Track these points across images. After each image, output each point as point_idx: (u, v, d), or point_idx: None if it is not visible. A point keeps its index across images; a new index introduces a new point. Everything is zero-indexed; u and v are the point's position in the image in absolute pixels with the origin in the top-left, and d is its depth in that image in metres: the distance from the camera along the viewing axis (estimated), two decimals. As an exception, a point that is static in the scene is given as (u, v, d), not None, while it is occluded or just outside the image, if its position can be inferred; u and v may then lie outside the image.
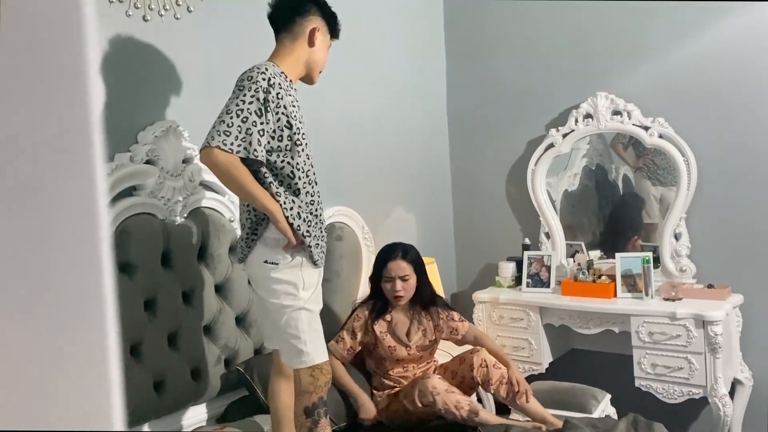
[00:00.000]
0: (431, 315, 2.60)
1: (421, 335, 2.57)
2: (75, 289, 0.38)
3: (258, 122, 1.89)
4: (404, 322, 2.58)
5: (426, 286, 2.61)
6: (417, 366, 2.60)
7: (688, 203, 3.04)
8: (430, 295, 2.62)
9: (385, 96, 3.34)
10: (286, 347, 2.02)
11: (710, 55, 2.99)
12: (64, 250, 0.38)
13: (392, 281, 2.53)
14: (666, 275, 3.06)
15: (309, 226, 1.99)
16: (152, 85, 2.32)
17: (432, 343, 2.61)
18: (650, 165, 3.20)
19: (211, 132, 1.87)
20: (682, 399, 2.78)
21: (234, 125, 1.86)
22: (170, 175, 2.29)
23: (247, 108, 1.88)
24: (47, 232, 0.39)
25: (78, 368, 0.38)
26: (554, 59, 3.39)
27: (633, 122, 3.12)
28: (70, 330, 0.37)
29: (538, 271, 3.26)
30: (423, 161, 3.60)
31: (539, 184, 3.36)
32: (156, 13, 2.31)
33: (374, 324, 2.55)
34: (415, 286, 2.57)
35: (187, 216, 2.35)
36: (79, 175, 0.39)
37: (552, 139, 3.32)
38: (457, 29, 3.71)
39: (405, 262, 2.54)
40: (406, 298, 2.55)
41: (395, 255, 2.56)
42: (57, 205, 0.37)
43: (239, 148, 1.86)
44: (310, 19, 2.05)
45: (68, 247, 0.38)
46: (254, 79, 1.91)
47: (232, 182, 1.91)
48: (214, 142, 1.84)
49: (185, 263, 2.31)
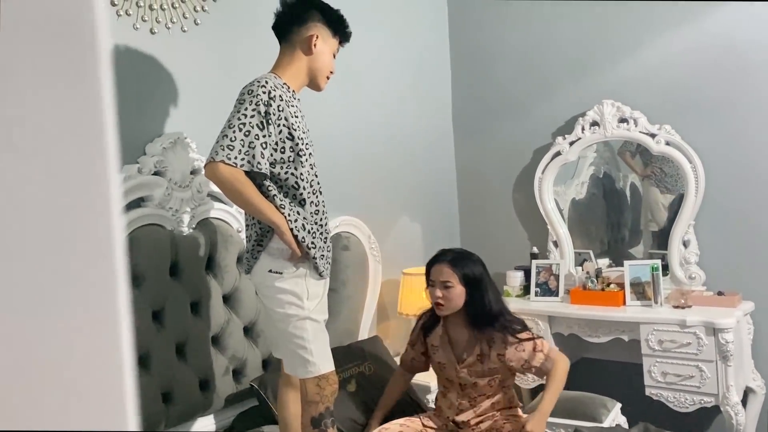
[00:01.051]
0: (493, 340, 2.25)
1: (475, 359, 2.27)
2: (90, 287, 0.38)
3: (260, 135, 1.89)
4: (461, 340, 2.31)
5: (479, 303, 2.25)
6: (475, 392, 2.31)
7: (696, 210, 3.03)
8: (485, 315, 2.25)
9: (390, 105, 3.35)
10: (291, 357, 2.02)
11: (716, 62, 2.99)
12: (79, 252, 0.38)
13: (433, 286, 2.29)
14: (675, 283, 3.05)
15: (314, 238, 1.99)
16: (160, 97, 2.34)
17: (492, 372, 2.26)
18: (658, 173, 3.19)
19: (214, 147, 1.88)
20: (693, 408, 2.75)
21: (237, 139, 1.87)
22: (178, 186, 2.30)
23: (248, 122, 1.89)
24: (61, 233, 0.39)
25: (92, 368, 0.38)
26: (559, 67, 3.40)
27: (639, 130, 3.11)
28: (85, 329, 0.37)
29: (547, 280, 3.24)
30: (429, 170, 3.60)
31: (546, 192, 3.36)
32: (163, 26, 2.33)
33: (427, 335, 2.39)
34: (460, 297, 2.24)
35: (194, 227, 2.36)
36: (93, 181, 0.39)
37: (559, 147, 3.32)
38: (462, 38, 3.72)
39: (449, 268, 2.25)
40: (446, 308, 2.26)
41: (440, 258, 2.29)
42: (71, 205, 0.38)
43: (243, 161, 1.87)
44: (308, 26, 2.05)
45: (83, 247, 0.38)
46: (254, 92, 1.92)
47: (236, 196, 1.92)
48: (218, 156, 1.85)
49: (193, 274, 2.32)
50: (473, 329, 2.27)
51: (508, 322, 2.26)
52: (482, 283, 2.27)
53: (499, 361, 2.25)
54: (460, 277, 2.24)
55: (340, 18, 2.12)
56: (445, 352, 2.33)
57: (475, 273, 2.26)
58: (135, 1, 2.24)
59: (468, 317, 2.27)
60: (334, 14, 2.11)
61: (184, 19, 2.39)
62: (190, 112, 2.41)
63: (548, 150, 3.36)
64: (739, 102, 2.95)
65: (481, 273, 2.28)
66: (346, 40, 2.16)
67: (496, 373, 2.27)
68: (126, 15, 2.22)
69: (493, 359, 2.25)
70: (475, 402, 2.32)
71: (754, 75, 2.91)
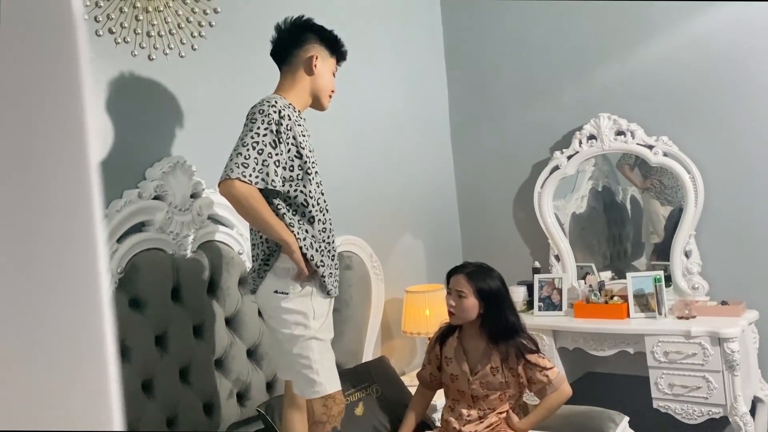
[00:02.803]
0: (508, 354, 2.30)
1: (488, 371, 2.31)
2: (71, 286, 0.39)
3: (273, 153, 1.92)
4: (475, 352, 2.35)
5: (495, 317, 2.29)
6: (486, 404, 2.34)
7: (696, 220, 3.03)
8: (500, 330, 2.29)
9: (389, 125, 3.37)
10: (298, 377, 2.02)
11: (711, 71, 3.01)
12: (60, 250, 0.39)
13: (449, 294, 2.35)
14: (678, 293, 3.04)
15: (322, 256, 2.01)
16: (159, 121, 2.36)
17: (502, 385, 2.31)
18: (657, 185, 3.20)
19: (229, 165, 1.89)
20: (702, 419, 2.73)
21: (251, 157, 1.89)
22: (178, 210, 2.31)
23: (261, 140, 1.91)
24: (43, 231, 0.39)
25: (75, 368, 0.38)
26: (555, 82, 3.42)
27: (637, 142, 3.13)
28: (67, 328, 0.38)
29: (550, 294, 3.24)
30: (429, 187, 3.61)
31: (546, 206, 3.36)
32: (161, 52, 2.35)
33: (442, 347, 2.42)
34: (473, 308, 2.29)
35: (196, 250, 2.36)
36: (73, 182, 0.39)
37: (557, 162, 3.33)
38: (458, 57, 3.75)
39: (465, 279, 2.31)
40: (458, 317, 2.32)
41: (460, 269, 2.36)
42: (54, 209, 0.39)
43: (257, 179, 1.89)
44: (306, 48, 2.09)
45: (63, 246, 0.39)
46: (266, 111, 1.95)
47: (251, 213, 1.92)
48: (234, 174, 1.86)
49: (195, 297, 2.32)
50: (488, 342, 2.32)
51: (524, 341, 2.31)
52: (498, 298, 2.32)
53: (511, 375, 2.30)
54: (475, 290, 2.30)
55: (335, 38, 2.17)
56: (459, 363, 2.36)
57: (491, 288, 2.31)
58: (133, 29, 2.27)
59: (483, 330, 2.32)
60: (329, 34, 2.16)
61: (182, 45, 2.42)
62: (188, 137, 2.43)
63: (546, 164, 3.38)
64: (736, 111, 2.96)
65: (498, 288, 2.33)
66: (342, 59, 2.21)
67: (507, 387, 2.32)
68: (124, 42, 2.24)
69: (506, 373, 2.30)
70: (485, 415, 2.34)
71: (749, 83, 2.93)
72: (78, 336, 0.38)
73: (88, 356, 0.38)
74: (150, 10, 2.31)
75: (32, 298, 0.37)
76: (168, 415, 2.18)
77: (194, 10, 2.45)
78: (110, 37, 2.21)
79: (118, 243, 2.14)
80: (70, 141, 0.40)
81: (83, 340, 0.38)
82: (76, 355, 0.38)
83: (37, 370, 0.37)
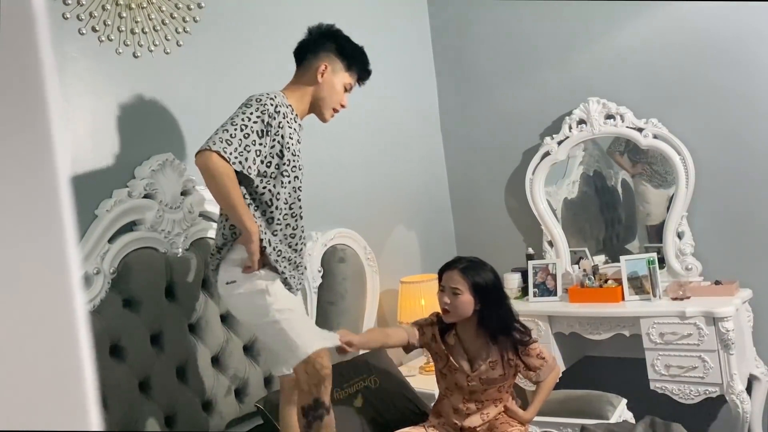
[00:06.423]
0: (505, 348, 2.27)
1: (487, 366, 2.27)
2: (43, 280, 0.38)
3: (257, 142, 1.91)
4: (473, 348, 2.30)
5: (492, 313, 2.24)
6: (484, 397, 2.31)
7: (688, 201, 3.04)
8: (497, 324, 2.25)
9: (380, 115, 3.36)
10: (280, 352, 2.00)
11: (699, 52, 3.01)
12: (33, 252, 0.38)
13: (443, 291, 2.27)
14: (672, 275, 3.05)
15: (279, 256, 1.98)
16: (146, 119, 2.34)
17: (501, 378, 2.29)
18: (648, 171, 3.21)
19: (212, 137, 1.87)
20: (699, 398, 2.75)
21: (236, 137, 1.87)
22: (169, 208, 2.29)
23: (250, 126, 1.90)
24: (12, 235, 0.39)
25: (50, 365, 0.38)
26: (543, 68, 3.41)
27: (627, 125, 3.13)
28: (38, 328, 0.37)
29: (544, 280, 3.24)
30: (421, 178, 3.61)
31: (538, 193, 3.36)
32: (146, 49, 2.33)
33: (445, 336, 2.34)
34: (468, 305, 2.22)
35: (188, 248, 2.36)
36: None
37: (547, 147, 3.33)
38: (445, 46, 3.74)
39: (459, 275, 2.23)
40: (453, 315, 2.25)
41: (453, 265, 2.27)
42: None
43: (236, 160, 1.87)
44: (320, 56, 2.09)
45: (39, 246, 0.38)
46: (262, 101, 1.95)
47: (222, 191, 1.87)
48: (215, 146, 1.84)
49: (189, 295, 2.31)
50: (485, 338, 2.27)
51: (520, 333, 2.28)
52: (494, 292, 2.26)
53: (509, 366, 2.29)
54: (470, 286, 2.22)
55: (356, 53, 2.14)
56: (460, 356, 2.31)
57: (486, 282, 2.24)
58: (117, 26, 2.25)
59: (480, 326, 2.27)
60: (350, 50, 2.13)
61: (167, 41, 2.40)
62: (177, 133, 2.41)
63: (537, 151, 3.37)
64: (724, 91, 2.96)
65: (493, 282, 2.26)
66: (363, 78, 2.19)
67: (504, 380, 2.30)
68: (108, 40, 2.22)
69: (504, 366, 2.28)
70: (482, 407, 2.32)
71: (736, 63, 2.93)
72: (51, 335, 0.37)
73: (63, 355, 0.37)
74: (133, 7, 2.29)
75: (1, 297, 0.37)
76: (166, 413, 2.18)
77: (178, 6, 2.43)
78: (94, 36, 2.19)
79: (110, 243, 2.13)
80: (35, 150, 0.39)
81: (57, 339, 0.37)
82: (50, 355, 0.37)
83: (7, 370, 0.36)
